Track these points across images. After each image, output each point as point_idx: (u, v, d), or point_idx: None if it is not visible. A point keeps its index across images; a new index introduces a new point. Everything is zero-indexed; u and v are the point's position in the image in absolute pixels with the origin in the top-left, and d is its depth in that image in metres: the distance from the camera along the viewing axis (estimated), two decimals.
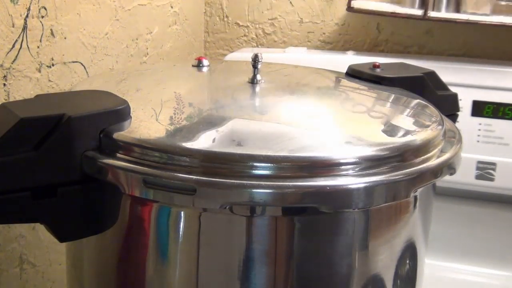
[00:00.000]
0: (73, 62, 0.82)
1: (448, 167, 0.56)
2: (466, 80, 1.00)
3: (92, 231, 0.54)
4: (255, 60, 0.65)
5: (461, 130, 0.64)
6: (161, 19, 1.05)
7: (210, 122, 0.56)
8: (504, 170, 0.99)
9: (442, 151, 0.57)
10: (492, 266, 1.06)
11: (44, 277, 0.82)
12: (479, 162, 0.99)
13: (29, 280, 0.79)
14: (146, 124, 0.54)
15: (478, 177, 1.00)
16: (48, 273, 0.82)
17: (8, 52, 0.71)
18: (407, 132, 0.58)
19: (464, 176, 0.98)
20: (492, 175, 0.99)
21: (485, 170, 0.99)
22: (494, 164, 0.99)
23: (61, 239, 0.53)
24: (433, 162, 0.55)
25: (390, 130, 0.58)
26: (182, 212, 0.52)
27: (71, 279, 0.64)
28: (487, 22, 0.99)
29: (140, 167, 0.50)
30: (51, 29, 0.76)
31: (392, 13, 1.04)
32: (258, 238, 0.52)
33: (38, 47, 0.75)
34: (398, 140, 0.55)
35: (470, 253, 1.07)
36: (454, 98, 0.75)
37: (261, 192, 0.48)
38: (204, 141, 0.52)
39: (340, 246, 0.53)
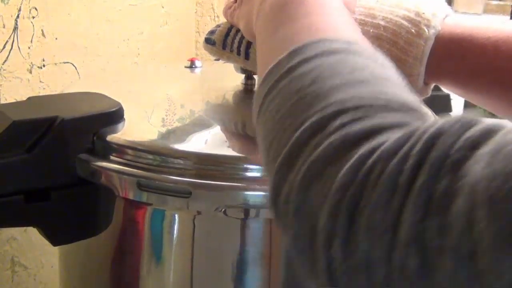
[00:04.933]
0: (64, 62, 0.81)
1: None
2: None
3: (86, 234, 0.53)
4: None
5: None
6: (152, 19, 1.04)
7: (203, 124, 0.56)
8: None
9: None
10: None
11: (36, 280, 0.81)
12: None
13: (21, 283, 0.79)
14: (140, 126, 0.54)
15: None
16: (40, 275, 0.82)
17: None
18: None
19: None
20: None
21: None
22: None
23: (55, 243, 0.53)
24: None
25: None
26: (176, 215, 0.51)
27: (63, 281, 0.63)
28: None
29: (133, 169, 0.49)
30: (42, 30, 0.76)
31: None
32: (252, 240, 0.51)
33: (29, 47, 0.74)
34: None
35: None
36: (446, 98, 0.75)
37: (256, 194, 0.48)
38: (197, 143, 0.52)
39: None
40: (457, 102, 0.99)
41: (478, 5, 1.03)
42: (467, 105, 1.00)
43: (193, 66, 0.73)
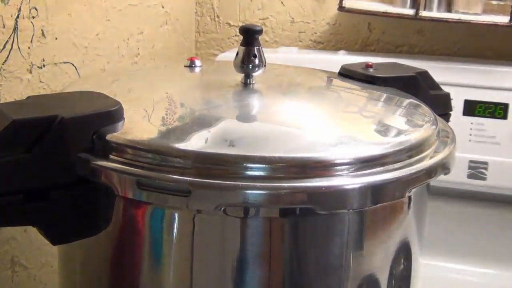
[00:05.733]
0: (64, 62, 0.81)
1: (443, 167, 0.56)
2: (458, 80, 1.00)
3: (86, 234, 0.53)
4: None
5: (453, 130, 0.64)
6: (152, 19, 1.04)
7: (203, 123, 0.56)
8: (496, 169, 0.99)
9: (436, 151, 0.57)
10: (484, 265, 1.07)
11: (36, 280, 0.81)
12: (471, 161, 0.99)
13: (21, 283, 0.78)
14: (139, 125, 0.54)
15: (470, 176, 1.00)
16: (40, 275, 0.82)
17: None
18: (401, 132, 0.58)
19: (456, 176, 0.98)
20: (484, 174, 0.99)
21: (477, 169, 0.99)
22: (486, 163, 0.99)
23: (54, 242, 0.53)
24: (428, 162, 0.54)
25: (384, 130, 0.58)
26: (176, 214, 0.51)
27: (63, 281, 0.63)
28: (478, 22, 1.00)
29: (133, 168, 0.49)
30: (42, 30, 0.76)
31: (383, 12, 1.04)
32: (253, 239, 0.51)
33: (29, 47, 0.74)
34: (392, 140, 0.55)
35: (462, 252, 1.07)
36: (446, 97, 0.75)
37: (256, 193, 0.48)
38: (197, 142, 0.52)
39: (335, 247, 0.53)
40: (458, 102, 0.99)
41: (478, 5, 1.02)
42: (467, 104, 1.00)
43: (193, 65, 0.73)
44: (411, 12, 1.03)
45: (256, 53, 0.64)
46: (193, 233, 0.51)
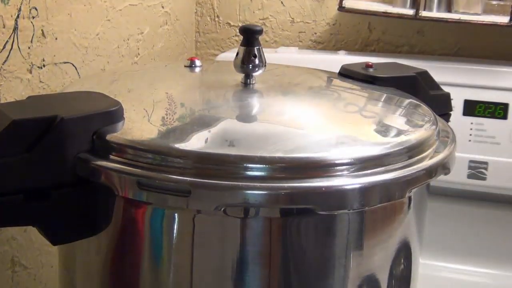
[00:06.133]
0: (64, 62, 0.81)
1: (443, 167, 0.56)
2: (458, 80, 1.00)
3: (86, 234, 0.53)
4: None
5: (453, 130, 0.64)
6: (152, 19, 1.04)
7: (203, 123, 0.56)
8: (496, 169, 0.99)
9: (436, 151, 0.57)
10: (484, 265, 1.07)
11: (36, 280, 0.81)
12: (471, 161, 0.99)
13: (20, 283, 0.78)
14: (139, 125, 0.54)
15: (470, 176, 1.00)
16: (40, 275, 0.82)
17: None
18: (401, 132, 0.58)
19: (456, 176, 0.98)
20: (484, 174, 0.99)
21: (477, 169, 0.99)
22: (486, 163, 0.99)
23: (54, 242, 0.53)
24: (428, 162, 0.54)
25: (384, 130, 0.58)
26: (176, 214, 0.51)
27: (63, 281, 0.63)
28: (478, 22, 1.00)
29: (133, 168, 0.49)
30: (42, 30, 0.76)
31: (383, 12, 1.04)
32: (253, 239, 0.51)
33: (29, 47, 0.74)
34: (392, 140, 0.55)
35: (462, 252, 1.07)
36: (446, 97, 0.75)
37: (256, 193, 0.48)
38: (197, 142, 0.52)
39: (335, 247, 0.53)
40: (457, 102, 0.98)
41: (478, 5, 1.02)
42: (467, 104, 1.00)
43: (193, 65, 0.73)
44: (411, 12, 1.03)
45: (256, 53, 0.64)
46: (193, 233, 0.51)
